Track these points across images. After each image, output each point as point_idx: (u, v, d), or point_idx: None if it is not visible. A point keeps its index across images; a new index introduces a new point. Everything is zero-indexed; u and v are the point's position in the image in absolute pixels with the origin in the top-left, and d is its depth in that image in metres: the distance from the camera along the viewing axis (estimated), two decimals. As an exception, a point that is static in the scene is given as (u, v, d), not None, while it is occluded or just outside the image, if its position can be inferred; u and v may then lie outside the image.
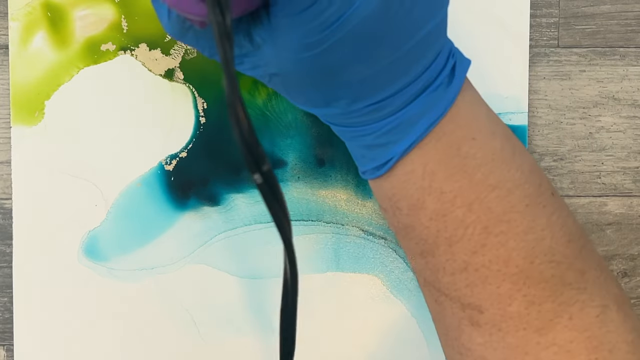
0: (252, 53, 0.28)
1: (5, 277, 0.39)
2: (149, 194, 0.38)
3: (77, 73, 0.38)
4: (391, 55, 0.27)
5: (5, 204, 0.39)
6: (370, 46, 0.27)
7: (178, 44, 0.38)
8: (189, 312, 0.39)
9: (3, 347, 0.39)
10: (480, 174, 0.29)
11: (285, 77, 0.28)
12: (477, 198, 0.29)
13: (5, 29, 0.38)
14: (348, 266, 0.39)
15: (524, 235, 0.29)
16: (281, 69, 0.28)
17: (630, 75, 0.39)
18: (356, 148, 0.31)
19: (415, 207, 0.30)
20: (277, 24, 0.26)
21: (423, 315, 0.39)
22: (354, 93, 0.28)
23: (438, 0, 0.28)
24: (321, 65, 0.27)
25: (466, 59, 0.30)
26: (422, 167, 0.29)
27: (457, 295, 0.30)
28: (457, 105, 0.29)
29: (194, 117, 0.38)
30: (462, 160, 0.29)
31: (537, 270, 0.29)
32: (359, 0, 0.26)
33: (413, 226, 0.31)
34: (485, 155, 0.29)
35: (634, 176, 0.39)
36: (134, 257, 0.38)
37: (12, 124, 0.38)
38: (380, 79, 0.28)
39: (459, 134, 0.29)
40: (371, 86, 0.28)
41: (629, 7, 0.38)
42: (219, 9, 0.22)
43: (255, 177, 0.23)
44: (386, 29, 0.27)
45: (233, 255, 0.39)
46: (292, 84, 0.29)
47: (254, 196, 0.38)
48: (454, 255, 0.30)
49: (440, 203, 0.29)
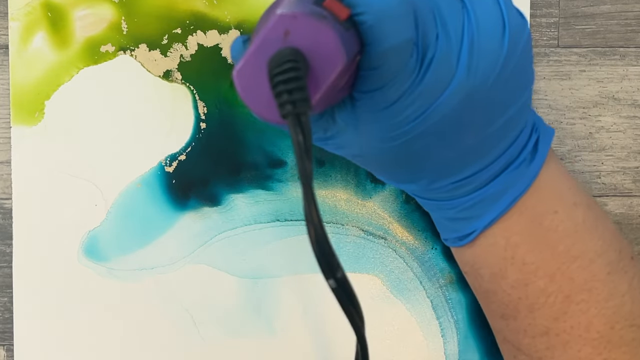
0: (336, 135, 0.28)
1: (5, 277, 0.39)
2: (148, 194, 0.38)
3: (77, 73, 0.38)
4: (475, 140, 0.28)
5: (5, 204, 0.39)
6: (453, 134, 0.27)
7: (178, 44, 0.38)
8: (189, 312, 0.39)
9: (3, 347, 0.39)
10: (563, 246, 0.30)
11: (367, 159, 0.29)
12: (558, 269, 0.29)
13: (5, 29, 0.38)
14: (348, 266, 0.39)
15: (605, 302, 0.29)
16: (363, 153, 0.29)
17: (630, 75, 0.39)
18: (439, 218, 0.32)
19: (497, 276, 0.31)
20: (360, 115, 0.27)
21: (423, 315, 0.39)
22: (436, 173, 0.29)
23: (523, 82, 0.28)
24: (403, 153, 0.28)
25: (549, 129, 0.31)
26: (505, 240, 0.30)
27: (538, 356, 0.31)
28: (539, 180, 0.30)
29: (194, 118, 0.38)
30: (544, 233, 0.30)
31: (617, 335, 0.29)
32: (442, 96, 0.26)
33: (494, 291, 0.31)
34: (567, 227, 0.30)
35: (634, 176, 0.39)
36: (134, 257, 0.38)
37: (12, 124, 0.38)
38: (463, 160, 0.29)
39: (541, 208, 0.30)
40: (454, 166, 0.29)
41: (629, 7, 0.38)
42: (299, 128, 0.22)
43: (330, 283, 0.24)
44: (469, 117, 0.27)
45: (233, 255, 0.39)
46: (374, 165, 0.30)
47: (254, 196, 0.38)
48: (535, 320, 0.30)
49: (522, 273, 0.30)
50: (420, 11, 0.26)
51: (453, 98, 0.26)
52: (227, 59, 0.38)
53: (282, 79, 0.23)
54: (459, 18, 0.27)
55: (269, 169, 0.38)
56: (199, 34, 0.38)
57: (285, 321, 0.39)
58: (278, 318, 0.39)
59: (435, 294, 0.39)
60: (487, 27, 0.27)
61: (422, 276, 0.39)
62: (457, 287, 0.38)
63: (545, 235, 0.30)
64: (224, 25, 0.38)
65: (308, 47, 0.24)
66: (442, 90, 0.26)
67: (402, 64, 0.26)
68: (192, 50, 0.38)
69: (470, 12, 0.27)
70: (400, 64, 0.25)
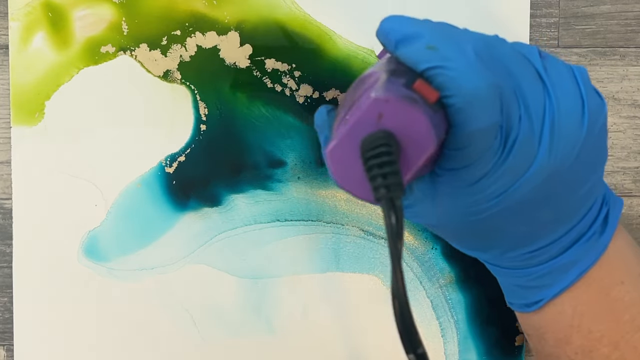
0: (413, 204, 0.29)
1: (5, 277, 0.39)
2: (148, 194, 0.38)
3: (77, 73, 0.38)
4: (550, 215, 0.29)
5: (5, 204, 0.39)
6: (531, 210, 0.28)
7: (177, 45, 0.38)
8: (189, 312, 0.39)
9: (3, 347, 0.39)
10: (628, 316, 0.30)
11: (441, 229, 0.30)
12: (622, 337, 0.30)
13: (5, 29, 0.38)
14: (348, 266, 0.39)
15: None
16: (439, 223, 0.29)
17: (630, 75, 0.39)
18: (507, 284, 0.32)
19: (562, 341, 0.31)
20: (440, 190, 0.28)
21: (423, 315, 0.39)
22: (509, 244, 0.30)
23: (599, 159, 0.29)
24: (479, 227, 0.29)
25: (619, 200, 0.31)
26: (572, 309, 0.31)
27: None
28: (607, 251, 0.30)
29: (194, 118, 0.38)
30: (611, 304, 0.30)
31: None
32: (524, 176, 0.27)
33: (558, 356, 0.32)
34: (633, 297, 0.30)
35: (634, 176, 0.39)
36: (134, 257, 0.38)
37: (12, 124, 0.38)
38: (537, 233, 0.29)
39: (609, 280, 0.30)
40: (527, 239, 0.29)
41: (629, 7, 0.38)
42: (393, 212, 0.23)
43: (410, 357, 0.24)
44: (547, 195, 0.28)
45: (233, 255, 0.39)
46: (448, 235, 0.31)
47: (254, 196, 0.38)
48: None
49: (587, 340, 0.30)
50: (504, 93, 0.26)
51: (534, 178, 0.27)
52: (225, 60, 0.38)
53: (376, 162, 0.24)
54: (540, 99, 0.27)
55: (269, 169, 0.38)
56: (198, 35, 0.38)
57: (285, 321, 0.39)
58: (278, 318, 0.39)
59: (435, 294, 0.39)
60: (567, 108, 0.27)
61: (422, 276, 0.39)
62: (457, 287, 0.39)
63: (612, 305, 0.30)
64: (223, 26, 0.38)
65: (400, 130, 0.24)
66: (524, 170, 0.27)
67: (488, 145, 0.26)
68: (192, 51, 0.38)
69: (550, 93, 0.27)
70: (486, 146, 0.26)
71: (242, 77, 0.38)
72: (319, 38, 0.38)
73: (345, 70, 0.38)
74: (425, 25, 0.27)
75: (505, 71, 0.27)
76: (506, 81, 0.27)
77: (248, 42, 0.38)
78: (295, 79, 0.38)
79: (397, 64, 0.27)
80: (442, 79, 0.25)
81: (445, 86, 0.25)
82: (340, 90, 0.38)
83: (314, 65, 0.38)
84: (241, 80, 0.38)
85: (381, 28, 0.28)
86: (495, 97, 0.26)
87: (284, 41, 0.38)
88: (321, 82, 0.38)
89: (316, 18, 0.38)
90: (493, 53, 0.27)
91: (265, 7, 0.38)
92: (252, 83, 0.38)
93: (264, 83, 0.38)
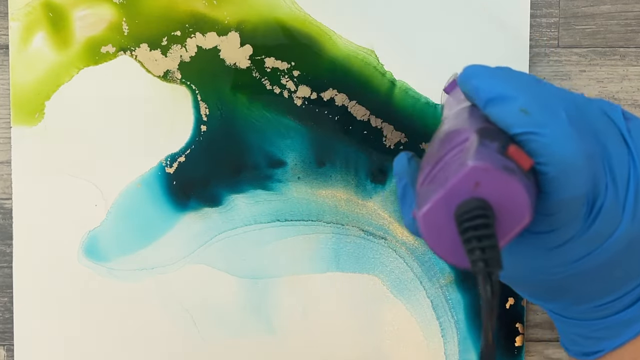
0: None
1: (5, 277, 0.39)
2: (148, 194, 0.38)
3: (77, 73, 0.38)
4: (622, 273, 0.29)
5: (5, 204, 0.39)
6: (606, 273, 0.28)
7: (177, 45, 0.38)
8: (189, 312, 0.39)
9: (3, 347, 0.39)
10: None
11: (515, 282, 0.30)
12: None
13: (5, 29, 0.38)
14: (348, 266, 0.39)
15: None
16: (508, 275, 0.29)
17: (630, 75, 0.39)
18: (567, 332, 0.32)
19: None
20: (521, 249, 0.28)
21: (423, 315, 0.39)
22: (578, 299, 0.30)
23: None
24: (551, 286, 0.29)
25: None
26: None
27: None
28: None
29: (194, 118, 0.38)
30: None
31: None
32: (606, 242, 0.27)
33: None
34: None
35: (634, 176, 0.39)
36: (134, 257, 0.38)
37: (12, 124, 0.38)
38: (607, 289, 0.29)
39: None
40: (596, 295, 0.29)
41: (629, 7, 0.38)
42: (489, 286, 0.23)
43: None
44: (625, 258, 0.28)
45: (233, 255, 0.39)
46: (519, 287, 0.31)
47: (254, 196, 0.38)
48: None
49: None
50: (594, 160, 0.26)
51: (616, 244, 0.27)
52: (225, 61, 0.38)
53: (475, 234, 0.23)
54: (625, 164, 0.27)
55: (269, 169, 0.38)
56: (198, 36, 0.38)
57: (285, 321, 0.39)
58: (278, 318, 0.39)
59: (436, 294, 0.39)
60: None
61: (422, 276, 0.39)
62: (457, 287, 0.39)
63: None
64: (223, 27, 0.38)
65: (496, 199, 0.24)
66: (608, 237, 0.27)
67: (577, 213, 0.26)
68: (192, 52, 0.38)
69: (635, 158, 0.27)
70: (575, 213, 0.26)
71: (242, 78, 0.38)
72: (319, 38, 0.38)
73: (345, 70, 0.38)
74: (517, 85, 0.26)
75: (593, 135, 0.27)
76: (595, 147, 0.26)
77: (248, 42, 0.38)
78: (294, 79, 0.38)
79: (485, 121, 0.27)
80: (535, 145, 0.25)
81: (539, 153, 0.25)
82: (338, 90, 0.38)
83: (314, 65, 0.38)
84: (242, 81, 0.38)
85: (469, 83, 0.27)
86: (589, 167, 0.26)
87: (284, 41, 0.38)
88: (321, 81, 0.38)
89: (316, 18, 0.38)
90: (582, 116, 0.27)
91: (265, 7, 0.38)
92: (252, 85, 0.38)
93: (263, 85, 0.38)
